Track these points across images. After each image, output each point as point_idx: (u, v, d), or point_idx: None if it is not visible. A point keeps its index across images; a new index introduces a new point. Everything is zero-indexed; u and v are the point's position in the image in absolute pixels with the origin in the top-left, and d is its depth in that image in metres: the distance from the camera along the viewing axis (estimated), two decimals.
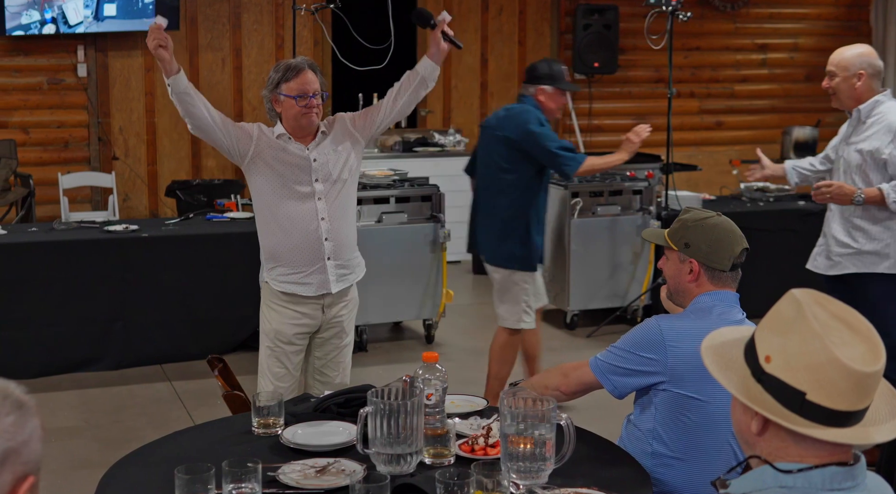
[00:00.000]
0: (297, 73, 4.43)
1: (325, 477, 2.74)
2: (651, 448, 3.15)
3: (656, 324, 3.21)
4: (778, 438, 1.89)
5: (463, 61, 11.54)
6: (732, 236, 3.28)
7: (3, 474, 1.69)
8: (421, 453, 2.82)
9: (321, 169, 4.47)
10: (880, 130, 5.27)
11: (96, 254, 6.67)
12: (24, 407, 1.76)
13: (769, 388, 1.88)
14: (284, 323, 4.53)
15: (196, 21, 10.63)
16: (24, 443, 1.72)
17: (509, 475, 2.66)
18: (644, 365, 3.16)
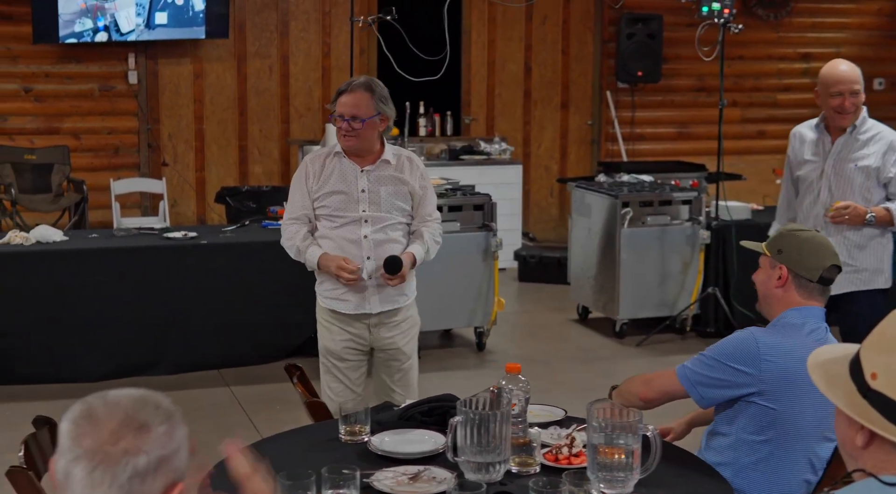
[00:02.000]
0: (342, 92, 4.46)
1: (418, 485, 2.82)
2: (733, 457, 3.21)
3: (753, 337, 3.25)
4: (883, 451, 1.96)
5: (507, 69, 11.62)
6: (825, 250, 3.38)
7: (156, 480, 1.79)
8: (508, 462, 2.90)
9: (371, 191, 4.48)
10: (882, 147, 5.33)
11: (156, 261, 6.79)
12: (174, 416, 1.86)
13: (875, 404, 1.95)
14: (332, 339, 4.59)
15: (245, 29, 10.76)
16: (174, 452, 1.82)
17: (598, 484, 2.74)
18: (736, 377, 3.21)
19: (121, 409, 1.84)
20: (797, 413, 3.15)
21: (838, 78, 5.30)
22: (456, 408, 3.05)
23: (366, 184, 4.49)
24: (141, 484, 1.80)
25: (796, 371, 3.16)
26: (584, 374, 6.97)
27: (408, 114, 10.55)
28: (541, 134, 11.81)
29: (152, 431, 1.82)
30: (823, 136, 5.43)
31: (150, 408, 1.85)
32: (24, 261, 6.59)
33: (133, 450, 1.80)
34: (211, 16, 10.24)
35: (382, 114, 4.47)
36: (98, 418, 1.82)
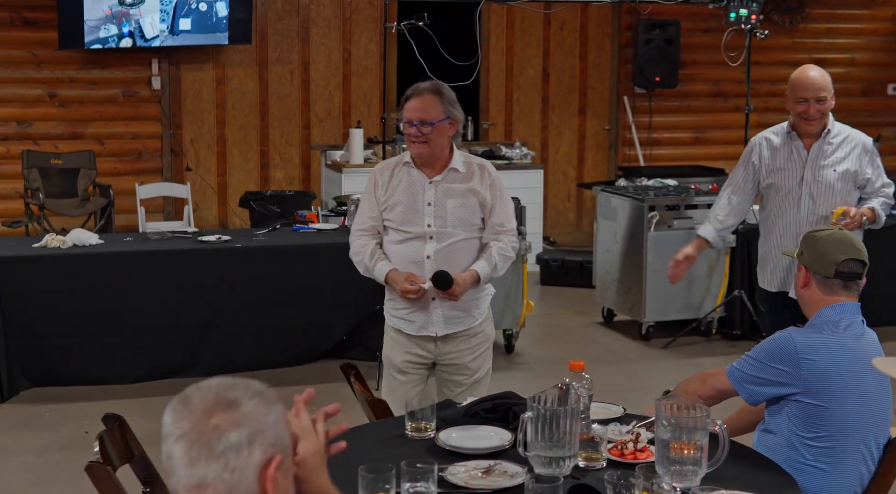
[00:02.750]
0: (409, 98, 4.31)
1: (491, 478, 2.90)
2: (786, 455, 3.29)
3: (791, 338, 3.36)
4: None
5: (525, 74, 11.71)
6: (841, 245, 3.50)
7: (253, 453, 1.88)
8: (576, 457, 2.97)
9: (437, 205, 4.29)
10: (856, 150, 5.31)
11: (190, 264, 6.86)
12: (265, 394, 1.94)
13: None
14: (396, 350, 4.45)
15: (266, 35, 10.84)
16: (269, 426, 1.91)
17: (667, 478, 2.81)
18: (778, 376, 3.33)
19: (212, 391, 1.93)
20: (844, 408, 3.25)
21: (804, 84, 5.24)
22: (520, 405, 3.12)
23: (433, 196, 4.30)
24: (237, 457, 1.88)
25: (836, 367, 3.30)
26: (612, 376, 7.03)
27: None
28: (558, 139, 11.89)
29: (241, 407, 1.90)
30: (795, 143, 5.34)
31: (240, 388, 1.94)
32: (62, 265, 6.66)
33: (224, 426, 1.88)
34: (234, 22, 10.33)
35: (452, 118, 4.30)
36: (192, 401, 1.91)
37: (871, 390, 3.36)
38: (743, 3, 7.28)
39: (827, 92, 5.24)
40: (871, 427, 3.38)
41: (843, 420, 3.27)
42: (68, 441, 5.89)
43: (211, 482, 1.88)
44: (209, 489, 1.88)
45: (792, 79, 5.33)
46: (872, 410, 3.38)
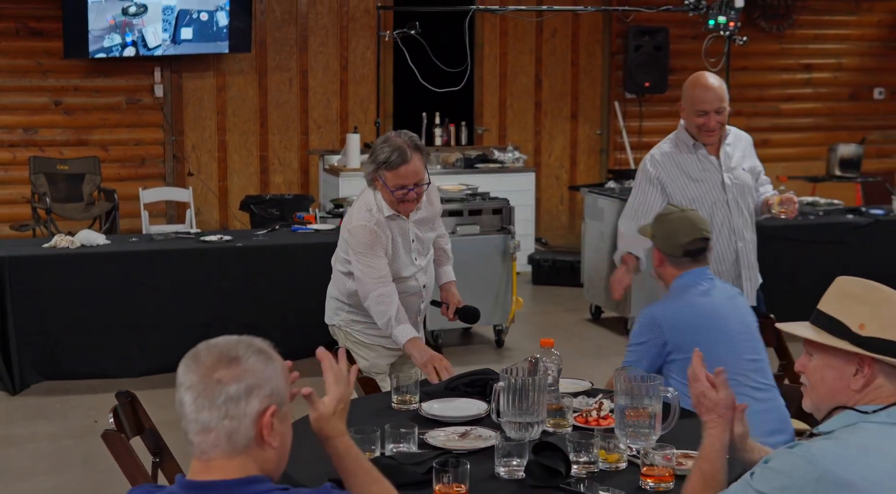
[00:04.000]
0: (401, 163, 4.27)
1: (467, 441, 3.21)
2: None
3: (647, 312, 4.07)
4: (876, 386, 2.35)
5: (518, 81, 12.01)
6: (685, 229, 4.00)
7: (251, 403, 2.19)
8: (544, 423, 3.28)
9: (418, 240, 4.52)
10: (747, 146, 5.33)
11: (193, 262, 7.17)
12: (265, 352, 2.26)
13: (872, 348, 2.34)
14: (379, 356, 4.61)
15: (265, 44, 11.15)
16: (266, 380, 2.23)
17: (625, 439, 3.11)
18: (649, 348, 3.95)
19: (217, 348, 2.24)
20: (713, 351, 3.58)
21: (704, 97, 5.06)
22: (496, 380, 3.42)
23: (414, 232, 4.51)
24: (235, 407, 2.19)
25: (690, 322, 3.90)
26: (599, 368, 7.27)
27: (424, 125, 10.96)
28: (551, 143, 12.19)
29: (242, 363, 2.21)
30: (700, 152, 5.20)
31: (243, 346, 2.25)
32: (71, 264, 6.98)
33: (225, 380, 2.20)
34: (234, 31, 10.63)
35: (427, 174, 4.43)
36: (200, 357, 2.24)
37: (733, 328, 3.93)
38: (722, 10, 7.57)
39: (726, 102, 5.12)
40: (745, 362, 3.92)
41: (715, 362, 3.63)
42: (78, 430, 6.20)
43: (213, 427, 2.19)
44: (212, 433, 2.19)
45: (689, 90, 5.13)
46: (739, 347, 3.93)
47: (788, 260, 8.06)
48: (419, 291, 4.61)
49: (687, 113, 5.15)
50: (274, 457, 2.26)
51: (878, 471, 2.25)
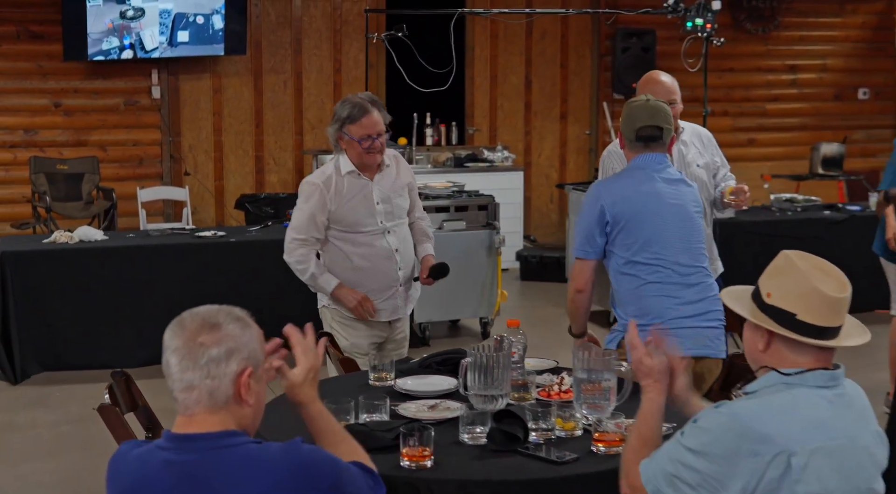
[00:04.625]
0: (362, 115, 4.66)
1: (436, 412, 3.46)
2: (621, 282, 4.34)
3: (594, 190, 4.39)
4: (778, 351, 2.62)
5: (508, 82, 12.26)
6: (641, 114, 4.36)
7: (230, 364, 2.45)
8: (508, 396, 3.53)
9: (384, 202, 4.79)
10: (703, 142, 5.46)
11: (189, 257, 7.43)
12: (243, 319, 2.51)
13: (771, 315, 2.60)
14: (360, 336, 4.88)
15: (261, 46, 11.40)
16: (244, 344, 2.49)
17: (581, 409, 3.37)
18: (598, 225, 4.28)
19: (200, 316, 2.51)
20: (643, 224, 4.22)
21: (667, 88, 5.16)
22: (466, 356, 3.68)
23: (379, 195, 4.80)
24: (216, 367, 2.46)
25: (633, 196, 4.29)
26: None
27: (415, 125, 11.22)
28: (541, 143, 12.45)
29: (223, 329, 2.47)
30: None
31: (224, 314, 2.51)
32: (70, 258, 7.23)
33: (208, 344, 2.46)
34: (229, 34, 10.88)
35: (387, 125, 4.80)
36: (185, 323, 2.50)
37: (669, 210, 4.28)
38: (699, 13, 7.82)
39: (678, 95, 5.26)
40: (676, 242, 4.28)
41: (646, 233, 4.22)
42: (77, 417, 6.46)
43: (197, 385, 2.45)
44: (195, 390, 2.45)
45: (642, 88, 5.27)
46: (672, 227, 4.27)
47: (766, 255, 8.26)
48: (391, 255, 4.85)
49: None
50: (250, 414, 2.52)
51: (791, 427, 2.49)
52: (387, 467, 2.95)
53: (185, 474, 2.41)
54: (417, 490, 2.92)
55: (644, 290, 4.26)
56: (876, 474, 2.60)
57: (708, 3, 7.74)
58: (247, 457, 2.41)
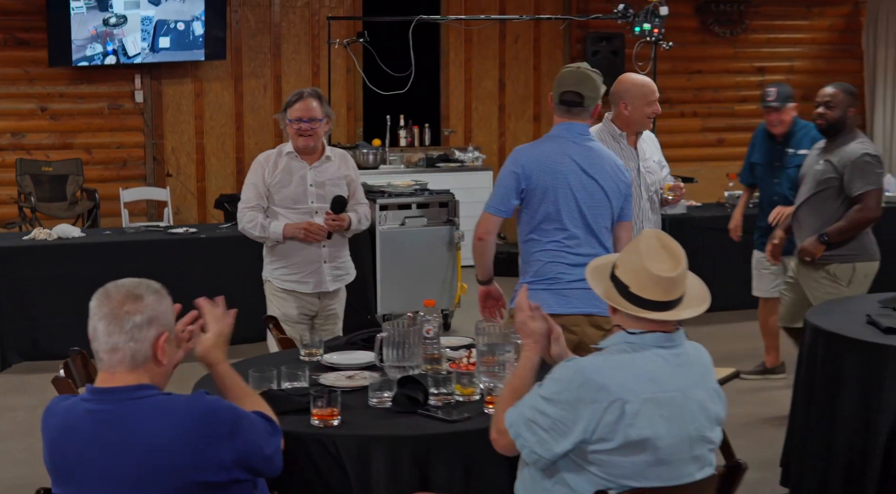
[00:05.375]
0: (298, 100, 5.37)
1: (353, 381, 3.86)
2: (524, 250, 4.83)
3: (515, 155, 4.79)
4: (622, 315, 3.01)
5: (483, 85, 12.64)
6: (568, 78, 4.77)
7: (150, 330, 2.85)
8: (420, 367, 3.93)
9: (317, 186, 5.43)
10: (653, 145, 5.86)
11: (162, 252, 7.82)
12: (160, 292, 2.91)
13: (616, 286, 3.00)
14: (290, 306, 5.52)
15: (241, 51, 11.79)
16: (162, 313, 2.88)
17: (481, 377, 3.76)
18: (515, 190, 4.71)
19: (125, 287, 2.90)
20: (546, 197, 4.64)
21: (652, 88, 5.61)
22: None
23: (313, 178, 5.44)
24: (139, 332, 2.86)
25: (543, 161, 4.68)
26: None
27: (388, 126, 11.61)
28: (515, 144, 12.61)
29: (144, 300, 2.87)
30: (624, 142, 5.60)
31: (144, 286, 2.91)
32: (48, 254, 7.65)
33: (132, 311, 2.86)
34: (209, 40, 11.26)
35: (328, 117, 5.46)
36: (111, 294, 2.90)
37: (573, 186, 4.67)
38: (647, 18, 8.20)
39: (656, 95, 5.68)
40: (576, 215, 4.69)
41: (551, 205, 4.65)
42: None
43: (121, 347, 2.85)
44: (119, 352, 2.85)
45: (636, 84, 5.63)
46: (572, 203, 4.68)
47: (718, 249, 8.66)
48: None
49: (637, 105, 5.59)
50: (163, 372, 2.93)
51: (627, 380, 2.89)
52: (299, 425, 3.36)
53: (103, 421, 2.81)
54: (324, 446, 3.32)
55: (541, 255, 4.72)
56: (708, 424, 3.00)
57: (655, 9, 8.12)
58: (157, 406, 2.82)
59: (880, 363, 4.42)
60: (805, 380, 4.87)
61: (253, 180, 5.53)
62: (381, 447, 3.30)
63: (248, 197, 5.54)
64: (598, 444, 2.87)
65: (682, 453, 2.93)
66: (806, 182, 6.16)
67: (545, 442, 2.91)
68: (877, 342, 4.46)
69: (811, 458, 4.76)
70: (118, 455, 2.78)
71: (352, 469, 3.28)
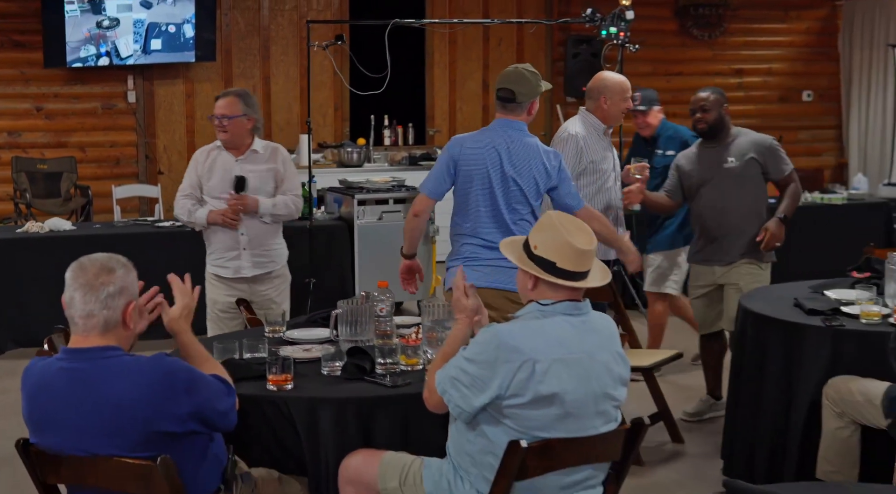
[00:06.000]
0: (219, 98, 5.79)
1: (309, 353, 4.23)
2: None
3: (454, 141, 5.22)
4: (542, 290, 3.38)
5: (467, 87, 13.00)
6: (504, 77, 5.22)
7: (120, 299, 3.22)
8: (371, 341, 4.30)
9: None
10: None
11: (149, 244, 8.19)
12: (127, 266, 3.29)
13: (538, 263, 3.37)
14: (219, 292, 5.85)
15: (230, 53, 12.14)
16: (130, 284, 3.27)
17: (426, 348, 4.14)
18: (448, 174, 5.14)
19: (98, 261, 3.29)
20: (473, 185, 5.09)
21: (629, 85, 6.22)
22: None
23: (239, 170, 5.78)
24: (112, 301, 3.25)
25: (479, 148, 5.11)
26: None
27: (373, 126, 11.98)
28: None
29: (116, 272, 3.26)
30: (604, 136, 6.16)
31: (115, 261, 3.30)
32: (40, 246, 8.03)
33: (106, 282, 3.25)
34: (200, 42, 11.61)
35: (248, 115, 5.75)
36: (86, 267, 3.28)
37: (494, 179, 5.09)
38: (613, 22, 8.55)
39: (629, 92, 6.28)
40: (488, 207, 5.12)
41: (472, 194, 5.11)
42: None
43: (96, 314, 3.22)
44: (94, 318, 3.23)
45: (616, 81, 6.20)
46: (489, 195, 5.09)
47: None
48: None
49: (615, 100, 6.15)
50: (129, 336, 3.31)
51: (537, 342, 3.27)
52: (257, 390, 3.75)
53: (76, 377, 3.19)
54: (278, 407, 3.70)
55: (460, 238, 5.21)
56: (612, 383, 3.38)
57: (622, 13, 8.47)
58: (123, 365, 3.20)
59: (801, 341, 4.79)
60: (737, 359, 5.25)
61: (189, 172, 5.96)
62: (328, 408, 3.67)
63: (183, 186, 5.95)
64: (512, 399, 3.25)
65: (588, 408, 3.31)
66: (714, 184, 6.23)
67: (467, 397, 3.28)
68: (798, 322, 4.83)
69: (742, 430, 5.14)
70: (89, 408, 3.16)
71: (302, 428, 3.67)
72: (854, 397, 4.50)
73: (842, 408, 4.54)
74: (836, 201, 9.81)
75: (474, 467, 3.35)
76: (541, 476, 3.26)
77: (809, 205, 9.71)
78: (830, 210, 9.73)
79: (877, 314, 4.76)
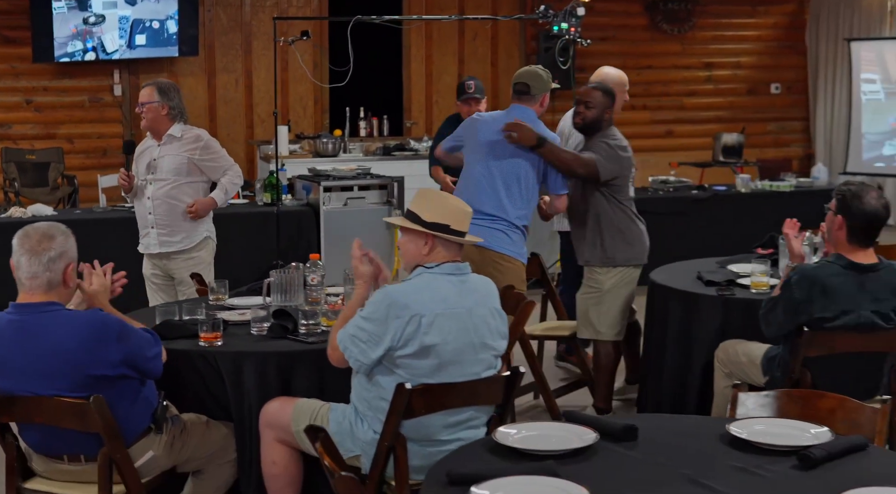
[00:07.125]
0: (141, 89, 6.41)
1: (242, 317, 4.73)
2: None
3: (472, 119, 6.26)
4: (436, 251, 3.86)
5: (442, 81, 13.45)
6: (520, 74, 6.14)
7: (61, 261, 3.72)
8: (301, 306, 4.79)
9: (159, 159, 6.27)
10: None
11: (126, 229, 8.59)
12: (66, 232, 3.78)
13: (434, 229, 3.85)
14: (147, 267, 6.50)
15: (213, 47, 12.60)
16: (69, 248, 3.77)
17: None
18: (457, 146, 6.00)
19: (40, 230, 3.78)
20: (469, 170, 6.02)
21: (626, 79, 6.82)
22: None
23: (156, 154, 6.31)
24: (53, 264, 3.75)
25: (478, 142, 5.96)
26: None
27: (348, 117, 12.45)
28: None
29: (56, 239, 3.76)
30: None
31: (55, 228, 3.80)
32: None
33: (47, 248, 3.74)
34: (183, 37, 12.08)
35: (162, 103, 6.26)
36: (30, 234, 3.78)
37: (489, 160, 5.86)
38: (564, 18, 8.99)
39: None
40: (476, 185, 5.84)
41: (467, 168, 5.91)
42: None
43: (40, 275, 3.73)
44: (38, 279, 3.73)
45: (615, 77, 6.81)
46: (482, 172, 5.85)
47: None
48: (144, 201, 6.39)
49: (618, 92, 6.53)
50: (68, 294, 3.83)
51: (422, 299, 3.76)
52: (190, 346, 4.27)
53: (22, 328, 3.69)
54: (207, 361, 4.21)
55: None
56: (490, 335, 3.88)
57: (573, 10, 8.92)
58: (62, 317, 3.71)
59: (697, 309, 5.30)
60: (647, 328, 5.76)
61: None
62: (252, 361, 4.18)
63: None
64: (402, 350, 3.75)
65: (468, 356, 3.81)
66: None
67: (365, 352, 3.78)
68: (694, 291, 5.34)
69: (651, 391, 5.66)
70: (33, 355, 3.67)
71: (228, 379, 4.17)
72: (739, 358, 5.00)
73: (730, 369, 5.05)
74: (784, 188, 10.28)
75: (370, 411, 3.85)
76: (426, 416, 3.75)
77: (757, 192, 10.20)
78: (776, 197, 10.18)
79: (765, 284, 5.27)
